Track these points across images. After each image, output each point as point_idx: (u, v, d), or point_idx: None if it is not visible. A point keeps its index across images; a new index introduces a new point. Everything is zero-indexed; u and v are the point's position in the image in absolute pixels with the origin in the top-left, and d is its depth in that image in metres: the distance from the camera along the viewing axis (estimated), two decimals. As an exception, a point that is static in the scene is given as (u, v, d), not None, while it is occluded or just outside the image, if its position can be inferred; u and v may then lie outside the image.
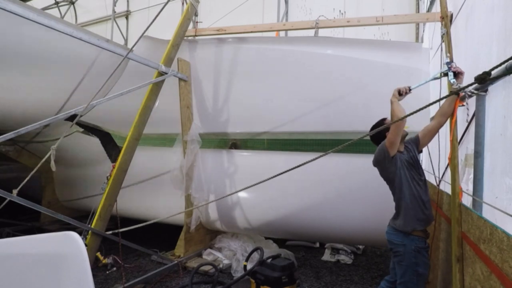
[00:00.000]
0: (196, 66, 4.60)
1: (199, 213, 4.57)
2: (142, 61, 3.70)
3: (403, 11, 6.35)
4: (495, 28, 2.06)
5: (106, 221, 3.53)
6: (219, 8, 7.93)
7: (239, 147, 5.14)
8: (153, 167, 4.97)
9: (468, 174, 2.33)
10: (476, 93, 2.09)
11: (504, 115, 1.77)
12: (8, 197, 2.80)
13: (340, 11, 7.04)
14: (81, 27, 3.81)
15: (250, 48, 4.50)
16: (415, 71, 3.80)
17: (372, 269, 4.55)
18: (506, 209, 1.64)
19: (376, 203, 3.88)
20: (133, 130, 3.73)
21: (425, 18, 4.14)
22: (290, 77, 4.27)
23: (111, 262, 4.17)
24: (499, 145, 1.84)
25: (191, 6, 4.29)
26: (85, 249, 1.78)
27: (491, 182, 1.96)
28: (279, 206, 4.29)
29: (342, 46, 4.21)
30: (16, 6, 2.48)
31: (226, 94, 4.56)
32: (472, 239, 1.84)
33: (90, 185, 5.31)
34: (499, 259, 1.40)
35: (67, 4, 10.73)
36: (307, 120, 4.18)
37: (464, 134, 2.52)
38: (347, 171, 4.11)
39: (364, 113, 3.92)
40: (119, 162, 3.60)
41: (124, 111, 4.20)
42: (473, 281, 1.80)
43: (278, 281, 3.20)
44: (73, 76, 3.80)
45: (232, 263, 4.35)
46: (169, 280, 3.96)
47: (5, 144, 5.21)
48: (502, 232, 1.38)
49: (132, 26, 9.90)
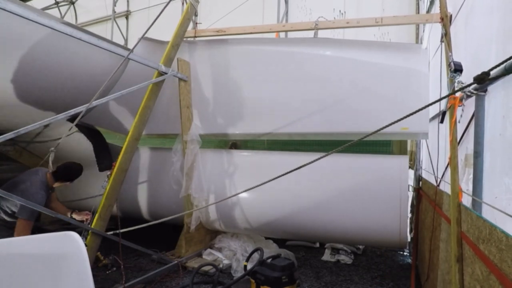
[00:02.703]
0: (196, 68, 4.60)
1: (199, 213, 4.58)
2: (142, 61, 3.70)
3: (403, 11, 6.35)
4: (494, 28, 2.06)
5: (106, 221, 3.53)
6: (219, 8, 7.93)
7: (239, 147, 5.15)
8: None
9: (467, 174, 2.34)
10: (476, 93, 2.09)
11: (504, 115, 1.78)
12: (8, 197, 2.80)
13: (340, 11, 7.05)
14: (81, 27, 3.81)
15: (250, 49, 4.50)
16: (414, 72, 3.80)
17: (372, 269, 4.55)
18: (505, 209, 1.64)
19: (376, 203, 3.89)
20: (133, 130, 3.74)
21: (424, 19, 4.15)
22: (290, 78, 4.28)
23: (111, 262, 4.17)
24: (499, 145, 1.84)
25: (191, 6, 4.30)
26: (85, 249, 1.79)
27: (490, 182, 1.96)
28: (279, 206, 4.29)
29: (342, 47, 4.21)
30: (16, 6, 2.48)
31: (226, 95, 4.56)
32: (471, 239, 1.84)
33: (90, 185, 5.31)
34: (498, 259, 1.41)
35: (67, 4, 10.74)
36: (307, 121, 4.18)
37: (464, 134, 2.53)
38: (348, 171, 4.11)
39: (364, 114, 3.93)
40: (119, 162, 3.60)
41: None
42: (472, 281, 1.80)
43: (278, 281, 3.20)
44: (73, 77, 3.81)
45: (232, 263, 4.35)
46: (169, 280, 3.96)
47: (5, 144, 5.21)
48: (501, 232, 1.38)
49: (132, 26, 9.90)
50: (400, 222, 3.79)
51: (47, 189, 3.42)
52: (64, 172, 3.50)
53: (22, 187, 3.22)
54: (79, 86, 3.83)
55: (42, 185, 3.34)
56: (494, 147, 1.92)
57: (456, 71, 2.35)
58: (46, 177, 3.43)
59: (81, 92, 3.77)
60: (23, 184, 3.25)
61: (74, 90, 3.84)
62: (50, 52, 3.36)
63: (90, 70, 3.80)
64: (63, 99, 3.88)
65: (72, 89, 3.84)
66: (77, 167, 3.64)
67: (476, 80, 1.43)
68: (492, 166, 1.94)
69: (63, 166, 3.54)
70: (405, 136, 3.90)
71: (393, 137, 4.02)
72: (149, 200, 5.07)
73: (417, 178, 5.03)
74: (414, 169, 5.15)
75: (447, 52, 2.68)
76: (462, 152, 2.54)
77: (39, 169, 3.54)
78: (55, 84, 3.68)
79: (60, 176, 3.47)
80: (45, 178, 3.42)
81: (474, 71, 1.93)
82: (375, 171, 4.01)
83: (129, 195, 5.04)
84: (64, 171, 3.50)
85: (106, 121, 4.89)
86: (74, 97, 3.77)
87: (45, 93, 3.72)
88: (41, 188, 3.30)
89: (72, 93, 3.84)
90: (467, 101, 2.45)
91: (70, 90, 3.84)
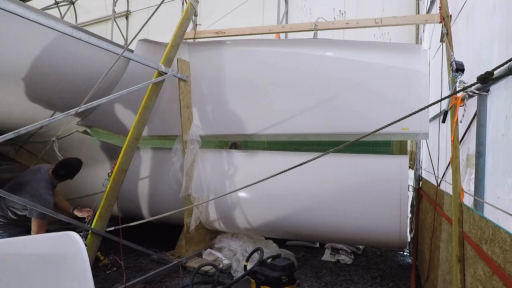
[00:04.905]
0: (196, 69, 4.59)
1: (199, 213, 4.57)
2: (142, 61, 3.69)
3: (403, 12, 6.35)
4: (496, 28, 2.06)
5: (106, 221, 3.53)
6: (219, 8, 7.93)
7: (239, 147, 5.14)
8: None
9: (469, 174, 2.33)
10: (478, 93, 2.09)
11: (506, 115, 1.77)
12: (8, 197, 2.79)
13: (340, 11, 7.04)
14: (81, 27, 3.80)
15: (250, 51, 4.49)
16: (414, 72, 3.80)
17: (372, 269, 4.55)
18: (508, 209, 1.64)
19: (376, 203, 3.89)
20: (133, 130, 3.73)
21: (423, 20, 4.15)
22: (290, 79, 4.27)
23: (111, 262, 4.16)
24: (501, 145, 1.84)
25: (191, 6, 4.29)
26: (85, 249, 1.78)
27: (492, 182, 1.96)
28: (279, 206, 4.28)
29: (342, 48, 4.20)
30: (16, 6, 2.47)
31: (226, 96, 4.55)
32: (473, 239, 1.84)
33: (90, 185, 5.30)
34: (501, 259, 1.40)
35: (67, 4, 10.73)
36: (308, 122, 4.18)
37: (466, 134, 2.52)
38: (348, 171, 4.10)
39: (364, 114, 3.92)
40: (119, 162, 3.59)
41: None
42: (474, 281, 1.80)
43: (278, 281, 3.19)
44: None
45: (232, 263, 4.34)
46: (169, 280, 3.95)
47: (5, 144, 5.19)
48: (505, 232, 1.38)
49: (132, 26, 9.90)
50: (400, 222, 3.79)
51: (52, 186, 3.42)
52: (62, 169, 3.48)
53: (29, 189, 3.21)
54: (81, 87, 3.83)
55: (47, 184, 3.34)
56: (496, 147, 1.92)
57: (458, 71, 2.34)
58: (49, 174, 3.43)
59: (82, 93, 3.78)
60: (29, 185, 3.24)
61: (75, 90, 3.83)
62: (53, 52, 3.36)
63: (91, 70, 3.79)
64: (64, 100, 3.88)
65: (73, 90, 3.83)
66: (74, 163, 3.60)
67: (480, 80, 1.43)
68: (494, 166, 1.93)
69: (60, 163, 3.53)
70: (405, 136, 3.90)
71: (393, 137, 4.02)
72: (149, 200, 5.06)
73: (417, 178, 5.03)
74: (414, 169, 5.14)
75: (449, 51, 2.68)
76: (464, 152, 2.54)
77: (40, 166, 3.51)
78: (57, 85, 3.69)
79: (59, 174, 3.46)
80: (48, 175, 3.42)
81: (475, 71, 1.93)
82: (375, 171, 4.00)
83: (129, 195, 5.03)
84: (62, 168, 3.49)
85: (108, 123, 4.89)
86: (75, 97, 3.76)
87: (50, 93, 3.73)
88: (47, 188, 3.31)
89: (73, 93, 3.84)
90: (469, 100, 2.45)
91: (71, 90, 3.83)
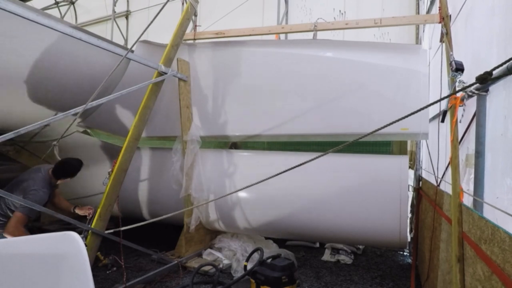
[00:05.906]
0: (196, 70, 4.60)
1: (199, 213, 4.57)
2: (142, 61, 3.69)
3: (403, 12, 6.35)
4: (495, 28, 2.06)
5: (106, 221, 3.52)
6: (219, 8, 7.93)
7: (239, 147, 5.14)
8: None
9: (469, 174, 2.34)
10: (477, 93, 2.09)
11: (505, 115, 1.78)
12: (8, 197, 2.80)
13: (340, 11, 7.04)
14: (81, 27, 3.80)
15: (250, 51, 4.49)
16: (414, 72, 3.80)
17: (372, 269, 4.55)
18: (507, 210, 1.64)
19: (376, 203, 3.89)
20: (133, 130, 3.73)
21: (423, 20, 4.15)
22: (290, 80, 4.27)
23: (111, 262, 4.16)
24: (500, 145, 1.84)
25: (191, 6, 4.29)
26: (85, 249, 1.78)
27: (492, 182, 1.96)
28: (279, 206, 4.28)
29: (342, 49, 4.20)
30: (16, 6, 2.48)
31: (226, 97, 4.55)
32: (473, 239, 1.84)
33: (91, 185, 5.30)
34: (501, 259, 1.40)
35: (67, 4, 10.73)
36: (308, 122, 4.18)
37: (465, 134, 2.52)
38: (348, 171, 4.11)
39: (364, 115, 3.92)
40: (119, 162, 3.59)
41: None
42: (474, 281, 1.80)
43: (278, 281, 3.19)
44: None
45: (232, 263, 4.34)
46: (169, 280, 3.95)
47: (5, 144, 5.19)
48: (504, 232, 1.38)
49: (132, 26, 9.90)
50: (400, 222, 3.79)
51: (50, 186, 3.42)
52: (62, 169, 3.49)
53: (23, 185, 3.24)
54: (81, 87, 3.84)
55: (44, 183, 3.34)
56: (495, 147, 1.92)
57: (458, 70, 2.34)
58: (49, 174, 3.44)
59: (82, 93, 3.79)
60: (25, 182, 3.27)
61: (75, 91, 3.84)
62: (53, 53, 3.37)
63: (91, 70, 3.79)
64: (64, 100, 3.89)
65: (74, 90, 3.84)
66: (74, 162, 3.61)
67: (479, 80, 1.43)
68: (493, 166, 1.94)
69: (59, 163, 3.53)
70: (405, 136, 3.90)
71: (393, 137, 4.02)
72: (149, 200, 5.06)
73: (417, 178, 5.03)
74: (414, 169, 5.15)
75: (448, 51, 2.68)
76: (463, 152, 2.54)
77: (41, 166, 3.53)
78: (57, 85, 3.69)
79: (58, 173, 3.47)
80: (47, 175, 3.42)
81: (475, 71, 1.94)
82: (375, 171, 4.01)
83: (130, 195, 5.03)
84: (62, 167, 3.50)
85: (108, 123, 4.89)
86: (75, 98, 3.77)
87: (50, 93, 3.74)
88: (43, 186, 3.31)
89: (74, 93, 3.84)
90: (468, 100, 2.45)
91: (71, 91, 3.84)
